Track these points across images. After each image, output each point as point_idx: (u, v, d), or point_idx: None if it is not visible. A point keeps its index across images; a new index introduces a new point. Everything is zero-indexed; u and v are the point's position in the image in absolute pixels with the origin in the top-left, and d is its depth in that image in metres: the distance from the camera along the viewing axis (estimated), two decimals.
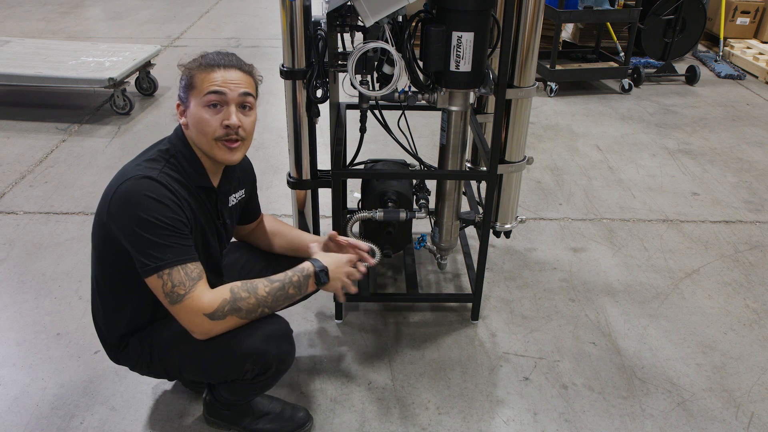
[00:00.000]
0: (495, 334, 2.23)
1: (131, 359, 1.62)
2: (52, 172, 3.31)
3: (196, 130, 1.50)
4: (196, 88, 1.47)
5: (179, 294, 1.41)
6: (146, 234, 1.39)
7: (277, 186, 3.23)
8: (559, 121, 4.15)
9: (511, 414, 1.91)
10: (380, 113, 2.05)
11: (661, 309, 2.39)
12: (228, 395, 1.70)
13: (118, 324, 1.59)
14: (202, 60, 1.50)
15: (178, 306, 1.42)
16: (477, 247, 2.18)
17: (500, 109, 1.91)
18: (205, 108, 1.47)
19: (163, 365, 1.60)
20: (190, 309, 1.42)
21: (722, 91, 4.80)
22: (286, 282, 1.52)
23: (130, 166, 1.49)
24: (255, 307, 1.48)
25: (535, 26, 1.90)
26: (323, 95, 1.97)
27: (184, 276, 1.41)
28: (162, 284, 1.41)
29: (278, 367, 1.59)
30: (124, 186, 1.42)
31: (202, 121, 1.47)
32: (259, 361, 1.53)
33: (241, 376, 1.56)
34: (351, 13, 1.83)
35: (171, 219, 1.41)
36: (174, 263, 1.41)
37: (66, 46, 4.48)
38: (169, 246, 1.41)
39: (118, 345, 1.62)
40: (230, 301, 1.44)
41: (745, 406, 1.96)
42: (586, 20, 4.76)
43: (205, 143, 1.50)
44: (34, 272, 2.50)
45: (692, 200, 3.19)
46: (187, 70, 1.50)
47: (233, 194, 1.70)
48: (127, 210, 1.40)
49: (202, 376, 1.64)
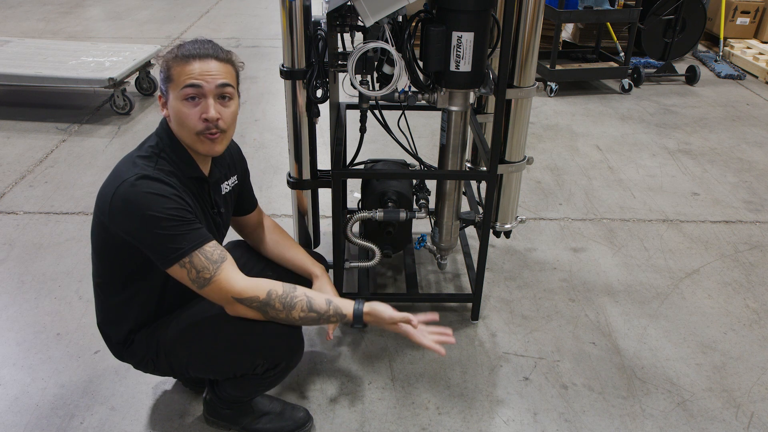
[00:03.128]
0: (495, 334, 2.23)
1: (136, 356, 1.63)
2: (52, 172, 3.31)
3: (177, 123, 1.48)
4: (174, 81, 1.44)
5: (205, 278, 1.43)
6: (156, 230, 1.39)
7: (277, 186, 3.23)
8: (559, 121, 4.15)
9: (511, 414, 1.91)
10: (380, 113, 2.05)
11: (661, 309, 2.39)
12: (233, 391, 1.70)
13: (124, 321, 1.59)
14: (178, 51, 1.46)
15: (206, 289, 1.44)
16: (477, 247, 2.18)
17: (500, 109, 1.91)
18: (183, 101, 1.44)
19: (169, 361, 1.60)
20: (218, 290, 1.44)
21: (722, 91, 4.80)
22: (322, 315, 1.53)
23: (124, 166, 1.47)
24: (281, 319, 1.51)
25: (535, 26, 1.90)
26: (323, 95, 1.96)
27: (204, 260, 1.43)
28: (186, 273, 1.42)
29: (288, 363, 1.61)
30: (121, 189, 1.41)
31: (181, 114, 1.45)
32: (270, 356, 1.55)
33: (251, 370, 1.57)
34: (351, 13, 1.83)
35: (176, 210, 1.41)
36: (191, 249, 1.41)
37: (66, 46, 4.48)
38: (181, 235, 1.41)
39: (123, 342, 1.62)
40: (262, 302, 1.47)
41: (745, 406, 1.96)
42: (586, 20, 4.76)
43: (187, 137, 1.49)
44: (34, 272, 2.50)
45: (692, 200, 3.19)
46: (164, 62, 1.47)
47: (225, 182, 1.69)
48: (131, 211, 1.39)
49: (210, 372, 1.64)
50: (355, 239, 2.15)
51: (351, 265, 2.18)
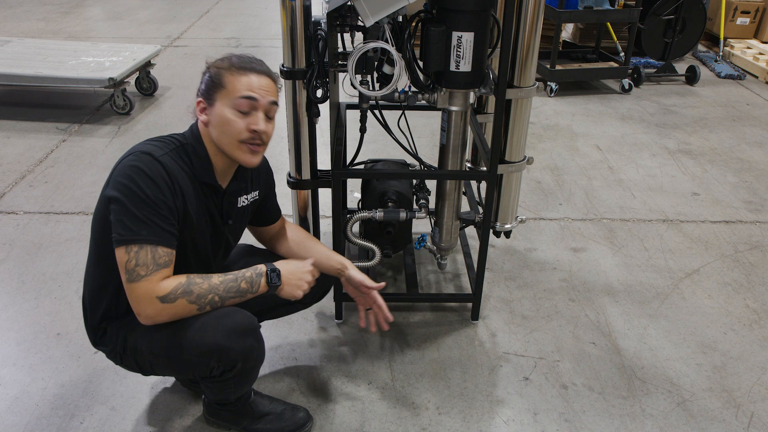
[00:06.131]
0: (495, 334, 2.23)
1: (107, 346, 1.60)
2: (52, 172, 3.31)
3: (219, 129, 1.50)
4: (226, 89, 1.48)
5: (139, 274, 1.40)
6: (128, 204, 1.39)
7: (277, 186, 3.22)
8: (559, 121, 4.15)
9: (511, 414, 1.91)
10: (380, 113, 2.05)
11: (661, 309, 2.39)
12: (207, 392, 1.70)
13: (100, 302, 1.57)
14: (233, 61, 1.51)
15: (133, 285, 1.40)
16: (477, 247, 2.18)
17: (500, 109, 1.91)
18: (234, 110, 1.48)
19: (134, 358, 1.57)
20: (144, 291, 1.40)
21: (722, 91, 4.80)
22: (239, 276, 1.52)
23: (140, 143, 1.50)
24: (206, 293, 1.46)
25: (535, 26, 1.90)
26: (323, 95, 1.97)
27: (150, 258, 1.40)
28: (127, 260, 1.40)
29: (244, 364, 1.56)
30: (127, 159, 1.44)
31: (228, 122, 1.49)
32: (223, 357, 1.50)
33: (207, 373, 1.54)
34: (351, 13, 1.83)
35: (156, 198, 1.41)
36: (145, 242, 1.40)
37: (66, 46, 4.48)
38: (146, 223, 1.40)
39: (97, 327, 1.59)
40: (184, 284, 1.44)
41: (745, 406, 1.96)
42: (586, 20, 4.76)
43: (228, 144, 1.51)
44: (34, 272, 2.50)
45: (692, 200, 3.19)
46: (215, 69, 1.50)
47: (244, 195, 1.69)
48: (121, 178, 1.41)
49: (172, 372, 1.64)
50: (355, 239, 2.15)
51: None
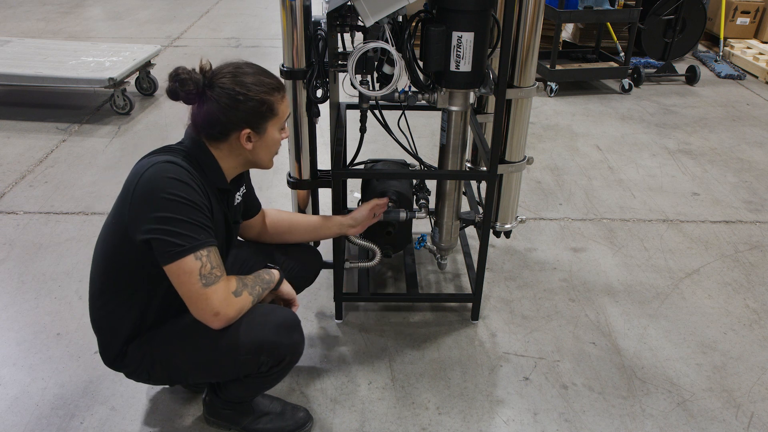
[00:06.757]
0: (495, 334, 2.23)
1: (129, 367, 1.59)
2: (52, 172, 3.31)
3: (266, 150, 1.56)
4: (278, 116, 1.54)
5: (216, 275, 1.40)
6: (175, 215, 1.35)
7: (277, 186, 3.23)
8: (559, 121, 4.15)
9: (511, 414, 1.91)
10: (380, 113, 2.05)
11: (661, 309, 2.39)
12: (239, 392, 1.69)
13: (120, 329, 1.55)
14: (270, 83, 1.51)
15: (211, 288, 1.39)
16: (477, 247, 2.18)
17: (500, 109, 1.91)
18: (279, 131, 1.56)
19: (166, 370, 1.58)
20: (223, 290, 1.42)
21: (722, 91, 4.80)
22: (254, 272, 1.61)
23: (150, 157, 1.48)
24: (252, 283, 1.53)
25: (535, 26, 1.90)
26: (323, 95, 1.97)
27: (217, 258, 1.42)
28: (201, 265, 1.37)
29: (291, 358, 1.60)
30: (148, 172, 1.39)
31: (276, 143, 1.58)
32: (274, 352, 1.54)
33: (256, 369, 1.56)
34: (351, 13, 1.83)
35: (198, 200, 1.41)
36: (208, 244, 1.39)
37: (66, 46, 4.48)
38: (200, 227, 1.39)
39: (119, 352, 1.58)
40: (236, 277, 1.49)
41: (745, 406, 1.96)
42: (586, 20, 4.76)
43: (268, 160, 1.60)
44: (34, 272, 2.50)
45: (692, 200, 3.19)
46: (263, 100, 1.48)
47: (237, 192, 1.70)
48: (153, 194, 1.36)
49: (214, 377, 1.63)
50: (355, 239, 2.15)
51: (351, 266, 2.18)
